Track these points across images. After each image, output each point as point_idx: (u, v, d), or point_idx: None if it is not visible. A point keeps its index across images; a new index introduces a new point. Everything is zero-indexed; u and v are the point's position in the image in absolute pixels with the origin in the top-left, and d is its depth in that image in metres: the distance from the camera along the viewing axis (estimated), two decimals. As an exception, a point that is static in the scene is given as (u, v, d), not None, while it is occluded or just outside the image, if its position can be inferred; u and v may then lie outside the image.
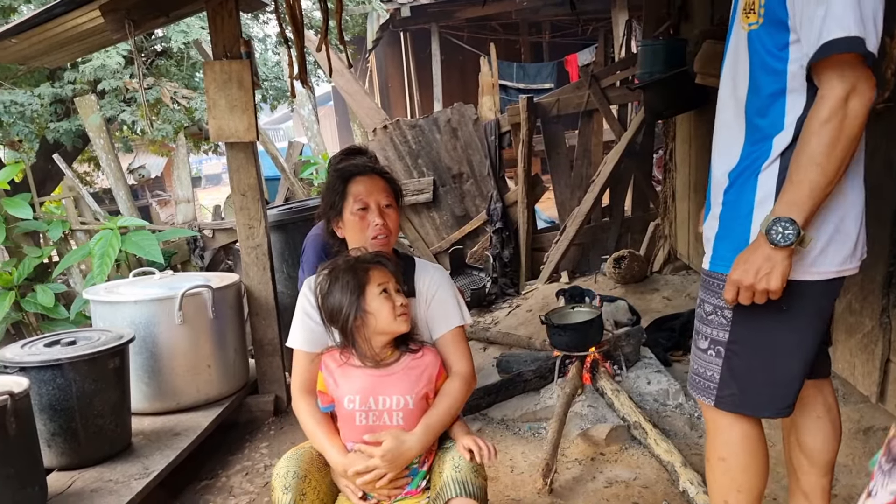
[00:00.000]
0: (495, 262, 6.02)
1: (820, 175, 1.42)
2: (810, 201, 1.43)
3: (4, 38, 3.30)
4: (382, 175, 1.95)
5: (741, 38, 1.57)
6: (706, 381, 1.68)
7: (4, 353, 2.70)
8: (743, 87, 1.58)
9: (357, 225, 1.88)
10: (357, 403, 1.72)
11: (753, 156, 1.56)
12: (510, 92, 11.66)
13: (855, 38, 1.34)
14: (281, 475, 1.70)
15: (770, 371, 1.60)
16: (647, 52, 4.52)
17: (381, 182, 1.92)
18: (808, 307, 1.56)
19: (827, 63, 1.39)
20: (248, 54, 3.36)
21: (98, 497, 2.50)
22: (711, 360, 1.65)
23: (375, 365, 1.72)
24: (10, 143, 7.30)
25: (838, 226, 1.51)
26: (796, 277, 1.51)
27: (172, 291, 3.19)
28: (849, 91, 1.37)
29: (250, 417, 3.59)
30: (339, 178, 1.93)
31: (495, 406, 3.34)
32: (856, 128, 1.39)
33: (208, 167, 22.54)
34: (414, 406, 1.72)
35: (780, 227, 1.44)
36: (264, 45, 8.72)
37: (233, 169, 3.51)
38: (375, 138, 6.80)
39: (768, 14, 1.49)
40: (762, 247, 1.47)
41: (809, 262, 1.52)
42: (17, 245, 4.93)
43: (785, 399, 1.63)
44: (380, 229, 1.86)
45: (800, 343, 1.59)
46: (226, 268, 6.14)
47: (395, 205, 1.94)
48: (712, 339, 1.64)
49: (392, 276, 1.74)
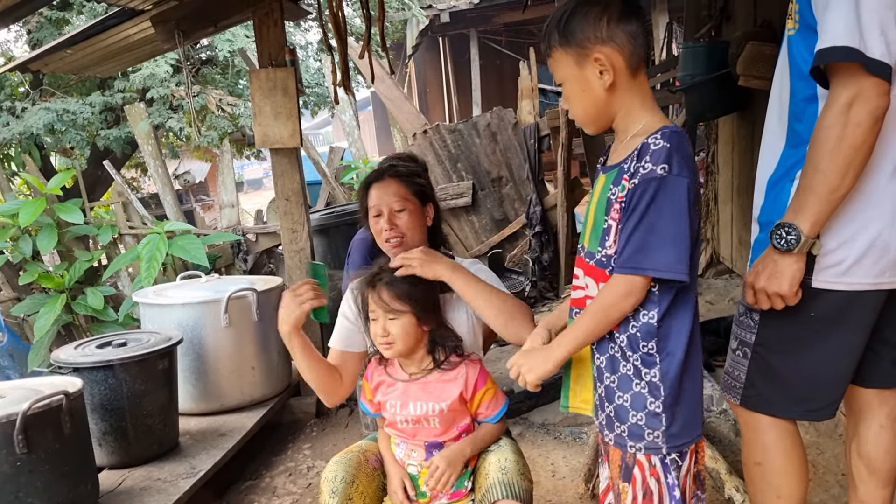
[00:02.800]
0: (534, 266, 6.00)
1: (822, 182, 1.42)
2: (815, 208, 1.44)
3: (60, 49, 3.42)
4: (397, 175, 1.92)
5: (785, 41, 1.59)
6: (734, 381, 1.73)
7: (59, 354, 2.78)
8: (786, 90, 1.60)
9: (374, 231, 1.92)
10: (398, 408, 1.78)
11: (791, 161, 1.57)
12: (549, 96, 11.57)
13: (847, 48, 1.35)
14: (329, 479, 1.72)
15: (794, 374, 1.62)
16: (688, 54, 4.47)
17: (395, 185, 1.90)
18: (837, 317, 1.55)
19: (831, 70, 1.41)
20: (293, 62, 3.42)
21: (147, 495, 2.56)
22: (739, 360, 1.70)
23: (409, 377, 1.79)
24: (63, 150, 7.54)
25: (875, 238, 1.49)
26: (827, 286, 1.53)
27: (218, 294, 3.26)
28: (851, 98, 1.38)
29: (293, 419, 3.64)
30: (363, 185, 1.98)
31: (536, 410, 3.33)
32: (858, 135, 1.38)
33: (250, 172, 22.90)
34: (449, 410, 1.74)
35: (781, 233, 1.48)
36: (306, 52, 8.86)
37: (277, 174, 3.58)
38: (415, 143, 6.84)
39: (802, 19, 1.52)
40: (770, 252, 1.52)
41: (843, 272, 1.51)
42: (68, 249, 5.08)
43: (812, 402, 1.64)
44: (390, 234, 1.88)
45: (828, 350, 1.59)
46: (268, 271, 6.24)
47: (413, 206, 1.90)
48: (741, 339, 1.69)
49: (384, 303, 1.71)
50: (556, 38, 1.43)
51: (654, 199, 1.33)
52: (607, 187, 1.44)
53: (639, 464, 1.45)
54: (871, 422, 1.76)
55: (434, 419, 1.75)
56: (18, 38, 8.48)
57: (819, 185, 1.43)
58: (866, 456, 1.78)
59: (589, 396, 1.55)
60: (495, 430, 1.84)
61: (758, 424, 1.69)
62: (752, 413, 1.70)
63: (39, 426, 2.16)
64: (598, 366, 1.49)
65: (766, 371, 1.65)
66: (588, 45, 1.39)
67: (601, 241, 1.45)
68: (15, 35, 8.37)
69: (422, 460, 1.78)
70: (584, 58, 1.40)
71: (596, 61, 1.39)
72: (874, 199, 1.47)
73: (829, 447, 2.49)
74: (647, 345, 1.41)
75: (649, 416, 1.42)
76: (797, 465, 1.69)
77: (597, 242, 1.47)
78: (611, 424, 1.48)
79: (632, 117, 1.45)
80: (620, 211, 1.39)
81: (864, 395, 1.72)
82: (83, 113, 6.61)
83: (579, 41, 1.40)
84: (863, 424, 1.77)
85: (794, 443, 1.70)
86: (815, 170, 1.43)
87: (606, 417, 1.48)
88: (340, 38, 3.47)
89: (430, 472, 1.73)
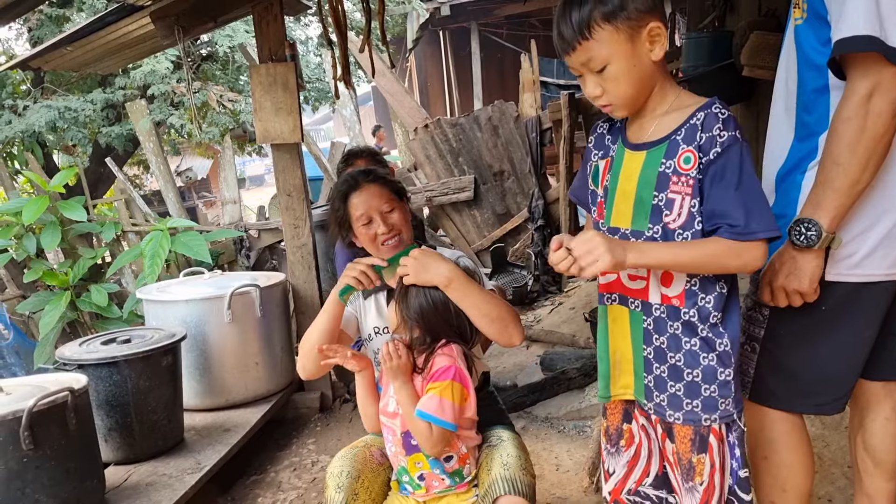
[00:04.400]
0: (537, 260, 6.00)
1: (842, 175, 1.40)
2: (835, 202, 1.42)
3: (60, 47, 3.42)
4: (375, 181, 1.94)
5: (791, 30, 1.56)
6: (742, 376, 1.69)
7: (63, 351, 2.79)
8: (793, 80, 1.57)
9: (366, 237, 1.92)
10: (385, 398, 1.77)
11: (800, 154, 1.54)
12: (551, 88, 11.55)
13: (868, 37, 1.32)
14: (335, 474, 1.72)
15: (804, 368, 1.61)
16: (691, 44, 4.46)
17: (376, 188, 1.93)
18: (848, 309, 1.54)
19: (849, 61, 1.38)
20: (293, 57, 3.41)
21: (153, 491, 2.56)
22: (748, 354, 1.68)
23: None
24: (65, 148, 7.54)
25: (890, 230, 1.47)
26: (839, 279, 1.51)
27: (222, 291, 3.26)
28: (871, 89, 1.35)
29: (297, 414, 3.65)
30: (338, 198, 1.97)
31: (539, 404, 3.33)
32: (880, 126, 1.36)
33: (251, 168, 22.88)
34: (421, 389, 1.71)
35: (801, 228, 1.46)
36: (306, 47, 8.84)
37: (278, 170, 3.57)
38: (417, 137, 6.83)
39: (811, 9, 1.49)
40: (788, 248, 1.50)
41: (855, 264, 1.50)
42: (72, 246, 5.09)
43: (821, 396, 1.63)
44: (386, 235, 1.89)
45: (838, 344, 1.58)
46: (270, 267, 6.25)
47: (399, 204, 1.95)
48: (750, 334, 1.68)
49: None
50: (600, 17, 1.36)
51: (742, 164, 1.35)
52: (655, 162, 1.43)
53: (713, 432, 1.48)
54: (876, 414, 1.75)
55: None
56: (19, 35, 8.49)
57: (838, 179, 1.41)
58: (872, 448, 1.77)
59: (629, 381, 1.56)
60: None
61: (765, 418, 1.68)
62: (759, 407, 1.68)
63: (45, 422, 2.17)
64: (655, 348, 1.49)
65: (775, 365, 1.64)
66: (641, 16, 1.35)
67: (653, 218, 1.44)
68: (16, 33, 8.38)
69: (404, 453, 1.75)
70: (637, 30, 1.36)
71: (650, 32, 1.36)
72: (890, 191, 1.45)
73: (834, 440, 2.48)
74: (717, 315, 1.43)
75: (721, 386, 1.45)
76: (804, 459, 1.69)
77: (645, 219, 1.45)
78: (677, 404, 1.48)
79: (664, 91, 1.44)
80: (690, 183, 1.38)
81: (870, 387, 1.71)
82: (85, 110, 6.61)
83: (631, 13, 1.35)
84: (868, 417, 1.76)
85: (802, 437, 1.69)
86: (833, 163, 1.41)
87: (669, 398, 1.48)
88: (340, 32, 3.46)
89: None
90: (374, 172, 2.00)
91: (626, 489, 1.65)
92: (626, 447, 1.63)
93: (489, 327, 1.70)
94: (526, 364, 3.84)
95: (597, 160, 1.61)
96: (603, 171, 1.57)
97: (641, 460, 1.63)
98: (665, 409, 1.50)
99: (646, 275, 1.48)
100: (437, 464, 1.72)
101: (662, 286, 1.47)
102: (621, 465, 1.64)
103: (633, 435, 1.62)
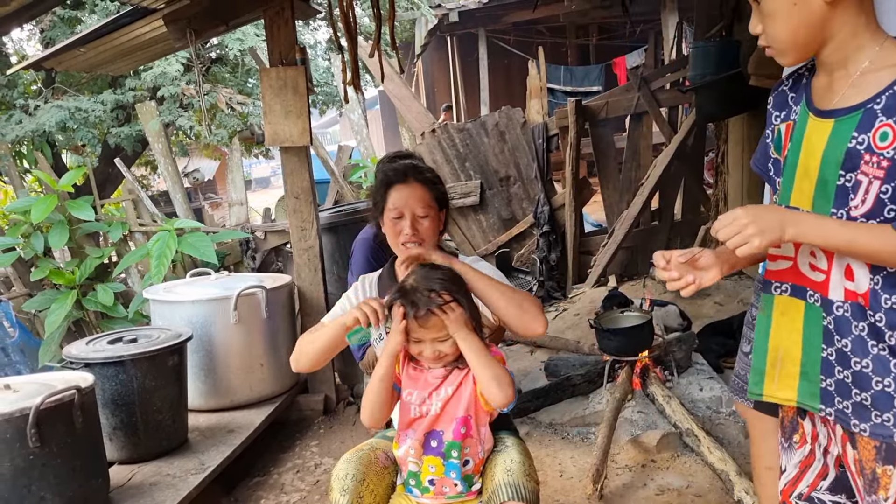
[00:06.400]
0: (542, 266, 6.00)
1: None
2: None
3: (73, 48, 3.45)
4: (423, 182, 1.94)
5: None
6: (742, 382, 1.69)
7: (70, 349, 2.81)
8: None
9: (391, 231, 1.93)
10: (414, 397, 1.75)
11: None
12: (557, 95, 11.61)
13: None
14: (340, 477, 1.72)
15: None
16: (698, 53, 4.46)
17: (420, 190, 1.92)
18: None
19: None
20: (303, 61, 3.43)
21: (157, 490, 2.58)
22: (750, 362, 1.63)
23: None
24: (75, 148, 7.58)
25: None
26: None
27: (228, 292, 3.28)
28: None
29: (301, 416, 3.66)
30: (382, 182, 1.97)
31: (543, 410, 3.33)
32: None
33: (257, 170, 22.97)
34: (454, 396, 1.72)
35: None
36: (315, 51, 8.87)
37: (286, 172, 3.59)
38: (424, 142, 6.84)
39: None
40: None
41: None
42: (79, 245, 5.11)
43: None
44: (409, 237, 1.89)
45: None
46: (276, 269, 6.26)
47: (434, 213, 1.94)
48: (753, 340, 1.62)
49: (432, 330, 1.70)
50: None
51: None
52: (845, 135, 1.21)
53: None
54: None
55: (437, 403, 1.72)
56: (31, 36, 8.53)
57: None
58: None
59: (792, 385, 1.37)
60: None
61: (767, 426, 1.67)
62: (762, 416, 1.68)
63: (52, 420, 2.19)
64: (837, 350, 1.29)
65: None
66: None
67: (837, 202, 1.23)
68: (28, 34, 8.43)
69: (420, 454, 1.75)
70: None
71: None
72: None
73: (838, 449, 2.48)
74: None
75: None
76: None
77: (828, 204, 1.24)
78: (864, 415, 1.27)
79: (857, 41, 1.20)
80: (884, 165, 1.16)
81: None
82: (95, 111, 6.63)
83: None
84: None
85: None
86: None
87: (854, 406, 1.29)
88: (350, 36, 3.48)
89: None
90: (425, 172, 1.98)
91: (798, 492, 1.49)
92: (800, 444, 1.47)
93: (506, 310, 1.75)
94: (530, 370, 3.84)
95: (778, 123, 1.38)
96: (785, 137, 1.35)
97: (817, 462, 1.45)
98: (849, 418, 1.30)
99: (826, 267, 1.28)
100: (454, 467, 1.72)
101: (846, 280, 1.26)
102: (793, 465, 1.49)
103: (806, 433, 1.46)
